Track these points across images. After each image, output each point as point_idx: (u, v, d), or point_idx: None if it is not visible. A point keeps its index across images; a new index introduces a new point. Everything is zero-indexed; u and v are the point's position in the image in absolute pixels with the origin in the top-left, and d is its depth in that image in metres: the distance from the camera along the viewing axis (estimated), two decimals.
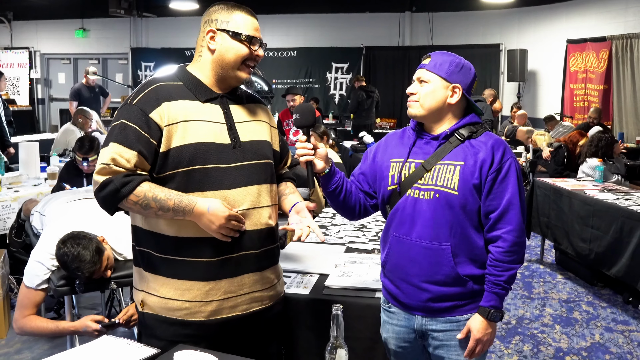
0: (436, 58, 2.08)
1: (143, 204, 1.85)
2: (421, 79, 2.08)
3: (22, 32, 14.43)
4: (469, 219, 2.01)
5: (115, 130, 1.90)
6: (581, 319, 4.51)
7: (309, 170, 2.05)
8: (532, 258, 6.15)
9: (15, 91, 14.12)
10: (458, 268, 2.01)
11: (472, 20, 11.62)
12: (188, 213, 1.86)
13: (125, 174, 1.84)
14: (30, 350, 3.79)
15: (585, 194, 5.06)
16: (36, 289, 2.80)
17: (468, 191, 1.99)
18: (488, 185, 1.99)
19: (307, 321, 2.40)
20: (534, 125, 9.60)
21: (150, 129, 1.88)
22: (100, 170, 1.86)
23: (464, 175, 1.99)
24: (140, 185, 1.85)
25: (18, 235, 4.14)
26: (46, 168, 5.61)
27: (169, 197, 1.85)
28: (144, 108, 1.90)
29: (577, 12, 10.04)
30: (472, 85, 2.12)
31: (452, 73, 2.05)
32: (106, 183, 1.84)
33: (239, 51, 1.98)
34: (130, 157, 1.85)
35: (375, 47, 12.29)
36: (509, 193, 1.99)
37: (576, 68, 9.96)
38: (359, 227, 3.61)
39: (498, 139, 2.06)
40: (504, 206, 1.99)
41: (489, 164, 1.99)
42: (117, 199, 1.85)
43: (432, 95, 2.06)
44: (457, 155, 2.03)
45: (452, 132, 2.07)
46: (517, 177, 2.02)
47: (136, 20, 13.57)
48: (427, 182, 2.03)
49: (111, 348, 1.99)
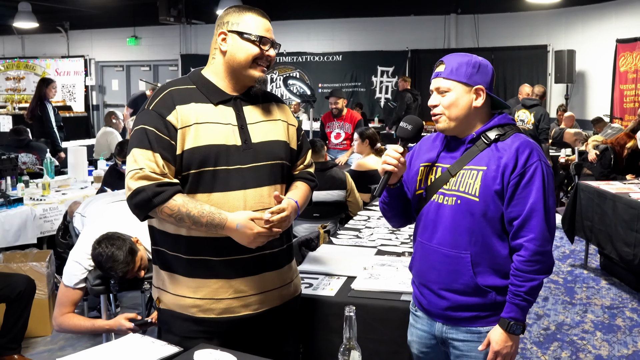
0: (450, 63, 1.99)
1: (177, 218, 1.91)
2: (440, 89, 2.00)
3: (78, 40, 14.97)
4: (491, 227, 1.94)
5: (137, 136, 1.95)
6: (624, 326, 4.39)
7: (385, 180, 2.03)
8: (576, 263, 6.01)
9: (72, 98, 14.64)
10: (478, 278, 1.96)
11: (518, 21, 11.41)
12: (220, 230, 1.93)
13: (158, 183, 1.89)
14: (73, 348, 3.93)
15: (630, 197, 4.92)
16: (74, 287, 2.92)
17: (490, 197, 1.92)
18: (510, 190, 1.91)
19: (332, 323, 2.41)
20: (582, 127, 9.37)
21: (169, 132, 1.94)
22: (133, 176, 1.91)
23: (485, 180, 1.92)
24: (174, 198, 1.90)
25: (64, 237, 4.31)
26: (92, 172, 5.81)
27: (201, 215, 1.91)
28: (160, 112, 1.96)
29: (626, 10, 9.74)
30: (493, 82, 2.05)
31: (471, 75, 1.97)
32: (138, 191, 1.89)
33: (249, 51, 2.02)
34: (158, 160, 1.91)
35: (420, 50, 12.20)
36: (532, 198, 1.89)
37: (626, 68, 9.68)
38: (392, 230, 3.61)
39: (526, 141, 1.96)
40: (527, 213, 1.89)
41: (512, 168, 1.90)
42: (148, 207, 1.91)
43: (456, 104, 1.98)
44: (481, 160, 1.96)
45: (478, 135, 2.00)
46: (543, 182, 1.91)
47: (185, 27, 13.87)
48: (451, 187, 1.99)
49: (136, 345, 2.07)
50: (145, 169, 1.90)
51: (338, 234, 3.60)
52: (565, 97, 10.69)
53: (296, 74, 13.12)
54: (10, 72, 15.08)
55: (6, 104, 12.99)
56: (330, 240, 3.46)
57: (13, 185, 5.08)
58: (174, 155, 1.94)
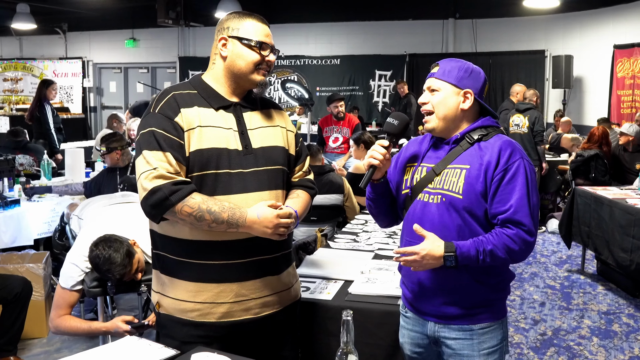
0: (444, 65, 2.08)
1: (197, 216, 1.89)
2: (431, 87, 2.09)
3: (76, 42, 14.97)
4: (477, 222, 1.98)
5: (146, 139, 1.95)
6: (620, 332, 4.40)
7: (369, 174, 2.07)
8: (573, 268, 6.01)
9: (69, 99, 14.62)
10: (469, 273, 1.99)
11: (516, 26, 11.45)
12: (241, 225, 1.92)
13: (174, 182, 1.89)
14: (70, 350, 3.92)
15: (627, 203, 4.93)
16: (71, 289, 2.91)
17: (473, 195, 1.96)
18: (494, 187, 1.95)
19: (329, 327, 2.41)
20: (579, 132, 9.40)
21: (177, 132, 1.95)
22: (147, 176, 1.90)
23: (468, 179, 1.97)
24: (192, 196, 1.90)
25: (61, 238, 4.30)
26: (90, 173, 5.81)
27: (222, 210, 1.91)
28: (167, 114, 1.97)
29: (624, 16, 9.78)
30: (484, 90, 2.11)
31: (461, 79, 2.05)
32: (155, 191, 1.88)
33: (250, 57, 2.04)
34: (170, 159, 1.91)
35: (418, 54, 12.23)
36: (516, 194, 1.92)
37: (623, 74, 9.71)
38: (390, 234, 3.62)
39: (507, 141, 2.01)
40: (513, 209, 1.91)
41: (494, 166, 1.95)
42: (166, 207, 1.89)
43: (444, 102, 2.06)
44: (464, 159, 2.02)
45: (462, 135, 2.06)
46: (526, 178, 1.94)
47: (184, 30, 13.88)
48: (435, 186, 2.04)
49: (133, 348, 2.06)
50: (159, 169, 1.89)
51: (335, 237, 3.60)
52: (563, 102, 10.72)
53: (294, 77, 13.14)
54: (7, 73, 15.05)
55: (4, 105, 12.97)
56: (327, 244, 3.46)
57: (10, 187, 5.07)
58: (184, 155, 1.95)
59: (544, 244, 7.00)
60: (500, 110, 8.35)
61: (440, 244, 1.93)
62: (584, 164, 6.87)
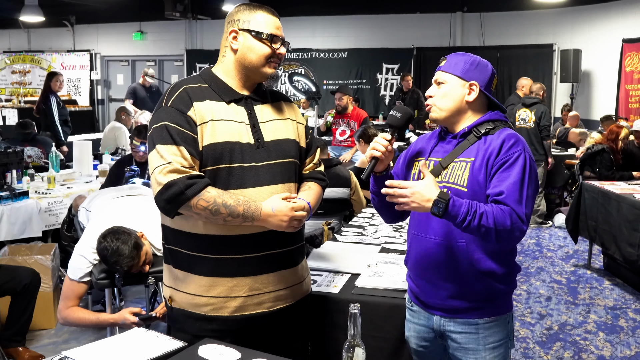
0: (452, 59, 2.11)
1: (213, 210, 1.89)
2: (438, 80, 2.12)
3: (84, 35, 14.97)
4: None
5: (159, 133, 1.93)
6: (627, 327, 4.39)
7: (371, 165, 2.07)
8: (580, 263, 6.01)
9: (77, 92, 14.66)
10: (476, 265, 1.99)
11: (524, 20, 11.38)
12: (257, 218, 1.92)
13: (188, 176, 1.88)
14: (77, 341, 3.95)
15: (634, 198, 4.91)
16: (79, 281, 2.94)
17: (477, 186, 1.97)
18: (492, 172, 1.95)
19: (336, 320, 2.42)
20: (587, 127, 9.35)
21: (191, 126, 1.94)
22: (161, 171, 1.88)
23: (472, 171, 1.98)
24: (207, 190, 1.89)
25: (69, 230, 4.33)
26: (97, 166, 5.83)
27: (238, 203, 1.90)
28: (180, 108, 1.96)
29: (633, 10, 9.70)
30: (491, 83, 2.12)
31: (467, 71, 2.07)
32: (169, 185, 1.86)
33: (261, 50, 2.03)
34: (184, 153, 1.90)
35: (425, 47, 12.17)
36: (510, 180, 1.90)
37: (632, 68, 9.65)
38: (397, 228, 3.62)
39: (511, 134, 2.00)
40: (505, 194, 1.88)
41: (496, 155, 1.95)
42: (181, 201, 1.88)
43: (449, 94, 2.08)
44: (470, 152, 2.02)
45: (470, 129, 2.06)
46: (524, 168, 1.92)
47: (191, 22, 13.86)
48: (442, 179, 2.04)
49: (140, 339, 2.07)
50: (174, 163, 1.88)
51: (342, 231, 3.61)
52: (571, 96, 10.67)
53: (301, 70, 13.12)
54: (16, 65, 15.10)
55: (12, 97, 13.02)
56: (334, 237, 3.47)
57: (19, 179, 5.10)
58: (197, 150, 1.94)
59: (550, 238, 6.99)
60: (506, 104, 8.29)
61: (435, 189, 1.86)
62: (591, 157, 6.83)
